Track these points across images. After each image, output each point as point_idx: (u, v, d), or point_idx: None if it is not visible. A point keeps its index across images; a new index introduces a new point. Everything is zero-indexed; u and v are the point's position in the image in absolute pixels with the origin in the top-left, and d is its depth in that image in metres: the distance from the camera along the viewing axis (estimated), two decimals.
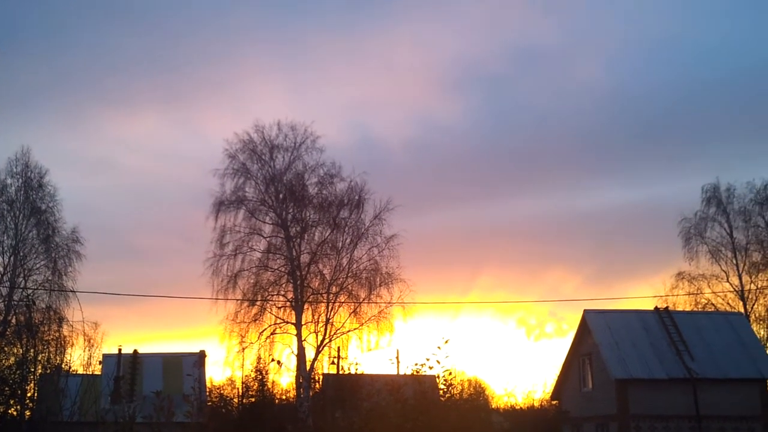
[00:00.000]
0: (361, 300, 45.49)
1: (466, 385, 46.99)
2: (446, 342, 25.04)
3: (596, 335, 39.80)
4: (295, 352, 44.85)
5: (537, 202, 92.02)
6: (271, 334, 45.22)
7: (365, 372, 42.80)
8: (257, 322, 45.22)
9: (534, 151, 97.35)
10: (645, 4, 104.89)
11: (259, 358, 43.73)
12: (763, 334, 51.54)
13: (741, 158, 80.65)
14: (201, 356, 45.08)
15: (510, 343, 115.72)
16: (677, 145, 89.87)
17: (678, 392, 37.40)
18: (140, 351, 44.79)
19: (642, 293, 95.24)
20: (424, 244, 78.96)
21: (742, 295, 53.50)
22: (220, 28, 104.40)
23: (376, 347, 45.53)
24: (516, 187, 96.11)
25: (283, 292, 45.97)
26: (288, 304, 45.54)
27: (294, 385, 45.60)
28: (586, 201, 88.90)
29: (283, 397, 46.17)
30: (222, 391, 53.41)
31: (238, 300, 45.13)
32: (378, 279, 45.78)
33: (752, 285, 53.74)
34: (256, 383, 43.42)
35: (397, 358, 49.84)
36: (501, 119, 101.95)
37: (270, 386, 45.27)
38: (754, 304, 53.46)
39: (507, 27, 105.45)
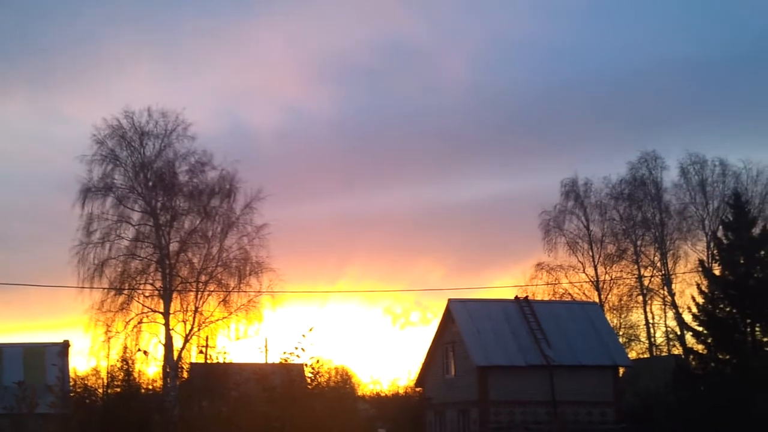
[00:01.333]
0: (230, 289, 45.67)
1: (333, 373, 47.60)
2: (311, 330, 25.62)
3: (459, 324, 40.88)
4: (163, 341, 44.68)
5: (404, 193, 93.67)
6: (139, 323, 44.94)
7: (234, 361, 42.94)
8: (124, 311, 44.91)
9: (401, 144, 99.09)
10: (506, 4, 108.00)
11: (125, 348, 43.35)
12: (616, 323, 54.17)
13: (598, 154, 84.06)
14: (65, 346, 44.26)
15: (376, 331, 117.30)
16: (538, 140, 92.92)
17: (536, 379, 38.84)
18: (1, 342, 43.74)
19: (504, 283, 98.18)
20: (294, 233, 79.45)
21: (597, 285, 55.97)
22: (90, 12, 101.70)
23: (245, 336, 45.86)
24: (384, 179, 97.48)
25: (151, 281, 45.76)
26: (156, 293, 45.31)
27: (161, 375, 45.38)
28: (451, 193, 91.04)
29: (150, 387, 45.62)
30: (87, 382, 52.42)
31: (104, 289, 44.65)
32: (248, 268, 46.15)
33: (606, 276, 56.32)
34: (122, 373, 42.93)
35: (266, 346, 50.17)
36: (370, 112, 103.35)
37: (136, 376, 44.87)
38: (608, 294, 56.10)
39: (376, 21, 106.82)
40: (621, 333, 53.55)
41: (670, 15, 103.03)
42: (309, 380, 27.35)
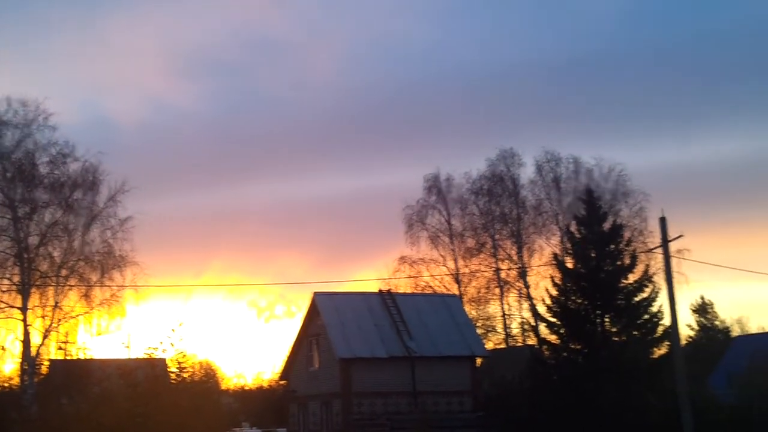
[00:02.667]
0: (92, 283, 44.88)
1: (197, 368, 47.40)
2: (180, 325, 25.80)
3: (324, 317, 41.41)
4: (20, 337, 43.54)
5: (269, 187, 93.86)
6: None
7: (95, 357, 42.41)
8: None
9: (267, 138, 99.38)
10: (370, 3, 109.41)
11: None
12: (475, 315, 55.70)
13: (459, 150, 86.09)
14: None
15: (242, 325, 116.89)
16: (401, 136, 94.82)
17: (398, 370, 39.84)
18: None
19: (368, 276, 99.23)
20: (159, 227, 78.16)
21: (457, 278, 57.36)
22: None
23: (107, 331, 45.15)
24: (249, 173, 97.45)
25: (8, 275, 44.40)
26: (13, 287, 44.03)
27: (18, 372, 44.25)
28: (315, 188, 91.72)
29: (6, 384, 44.62)
30: None
31: None
32: (111, 262, 45.36)
33: (466, 269, 57.72)
34: None
35: (129, 342, 49.45)
36: (236, 106, 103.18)
37: None
38: (467, 287, 57.53)
39: (242, 16, 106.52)
40: (479, 324, 54.90)
41: (525, 18, 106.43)
42: (174, 375, 27.46)
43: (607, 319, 40.59)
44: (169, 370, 27.97)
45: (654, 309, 40.83)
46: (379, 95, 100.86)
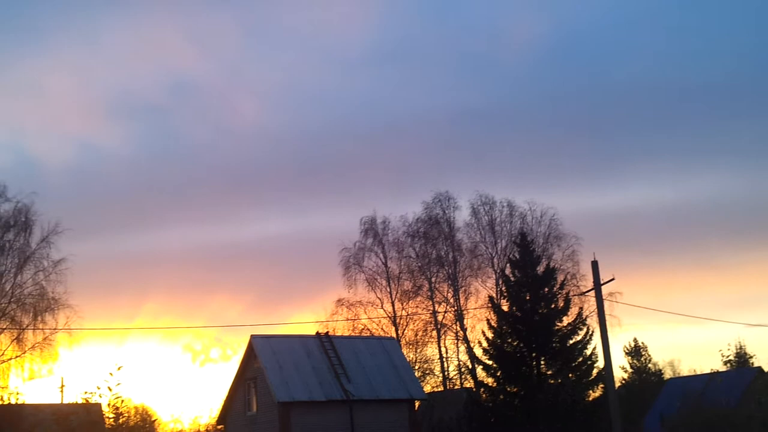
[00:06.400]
0: (24, 327, 44.08)
1: (134, 412, 46.71)
2: (119, 369, 25.52)
3: (262, 359, 41.08)
4: None
5: (200, 230, 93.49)
6: None
7: (28, 402, 41.47)
8: None
9: (195, 182, 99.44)
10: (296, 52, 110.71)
11: None
12: (412, 357, 55.90)
13: (395, 194, 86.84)
14: None
15: (177, 369, 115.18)
16: (336, 180, 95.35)
17: (336, 413, 39.64)
18: None
19: (305, 319, 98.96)
20: (91, 270, 77.10)
21: (394, 320, 57.56)
22: None
23: (40, 375, 44.29)
24: (178, 215, 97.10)
25: None
26: None
27: None
28: (248, 231, 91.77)
29: None
30: None
31: None
32: (44, 304, 44.66)
33: (403, 311, 58.02)
34: None
35: (63, 386, 48.62)
36: (163, 149, 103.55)
37: None
38: (405, 329, 57.75)
39: (167, 60, 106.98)
40: (417, 367, 55.07)
41: (455, 64, 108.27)
42: (110, 421, 27.08)
43: (542, 362, 41.26)
44: (105, 415, 27.61)
45: (588, 351, 41.70)
46: (309, 139, 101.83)
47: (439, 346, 57.91)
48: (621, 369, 75.34)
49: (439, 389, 56.90)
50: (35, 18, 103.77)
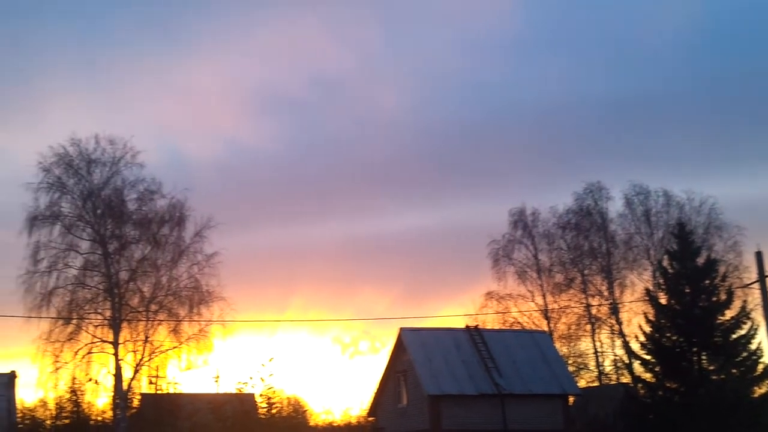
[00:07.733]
0: (180, 318, 45.29)
1: (285, 403, 47.28)
2: (271, 360, 25.72)
3: (411, 352, 40.97)
4: (112, 371, 44.09)
5: (347, 223, 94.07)
6: (88, 353, 44.22)
7: (185, 391, 42.64)
8: (72, 341, 44.15)
9: (338, 175, 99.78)
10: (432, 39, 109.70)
11: (74, 379, 42.76)
12: (566, 351, 54.66)
13: (544, 184, 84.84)
14: (11, 377, 43.56)
15: (326, 360, 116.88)
16: (482, 171, 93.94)
17: (487, 407, 39.07)
18: None
19: (453, 312, 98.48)
20: (242, 263, 78.76)
21: (546, 314, 56.44)
22: (22, 45, 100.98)
23: (195, 366, 45.41)
24: (324, 209, 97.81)
25: (100, 310, 45.10)
26: (105, 322, 44.66)
27: (111, 406, 44.75)
28: (392, 224, 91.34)
29: (99, 418, 45.16)
30: (34, 413, 51.55)
31: (52, 318, 43.96)
32: (198, 297, 45.76)
33: (555, 305, 56.85)
34: (71, 404, 42.27)
35: (218, 376, 49.75)
36: (310, 144, 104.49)
37: (85, 407, 44.31)
38: (557, 323, 56.59)
39: (304, 54, 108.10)
40: (570, 361, 53.88)
41: (610, 51, 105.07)
42: (264, 410, 27.35)
43: (703, 357, 39.41)
44: (258, 405, 27.90)
45: (753, 346, 39.52)
46: (455, 130, 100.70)
47: (594, 341, 56.68)
48: None
49: (594, 384, 55.47)
50: (185, 23, 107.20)
